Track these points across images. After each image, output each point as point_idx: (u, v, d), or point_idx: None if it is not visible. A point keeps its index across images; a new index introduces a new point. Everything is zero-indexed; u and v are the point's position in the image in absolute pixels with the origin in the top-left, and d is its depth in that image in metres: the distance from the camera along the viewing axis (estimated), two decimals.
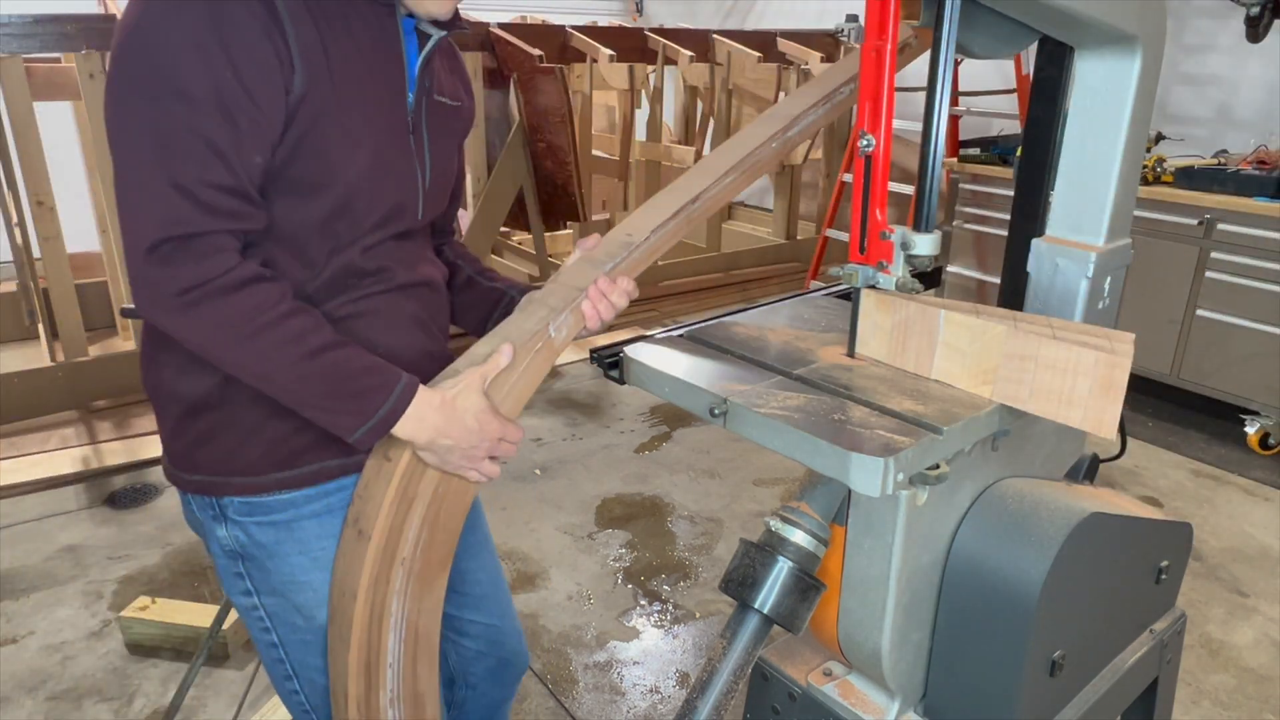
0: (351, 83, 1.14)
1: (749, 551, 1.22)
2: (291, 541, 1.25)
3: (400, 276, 1.27)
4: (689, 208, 1.38)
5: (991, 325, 1.20)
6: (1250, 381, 3.75)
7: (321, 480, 1.25)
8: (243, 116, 1.05)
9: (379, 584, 1.21)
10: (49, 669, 2.45)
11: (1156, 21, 1.37)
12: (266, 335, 1.08)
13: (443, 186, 1.35)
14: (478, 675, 1.60)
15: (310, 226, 1.16)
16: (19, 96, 3.52)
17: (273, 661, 1.34)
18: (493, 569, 1.58)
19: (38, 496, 3.29)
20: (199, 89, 1.02)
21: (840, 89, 1.49)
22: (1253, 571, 2.98)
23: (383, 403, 1.14)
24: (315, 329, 1.11)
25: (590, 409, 4.18)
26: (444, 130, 1.31)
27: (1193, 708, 2.38)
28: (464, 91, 1.38)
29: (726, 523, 3.24)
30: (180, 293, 1.04)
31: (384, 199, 1.21)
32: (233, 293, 1.06)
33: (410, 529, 1.21)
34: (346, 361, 1.13)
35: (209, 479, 1.23)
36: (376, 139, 1.18)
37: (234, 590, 1.30)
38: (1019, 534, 1.20)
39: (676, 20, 7.42)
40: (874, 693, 1.35)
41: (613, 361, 1.36)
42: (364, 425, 1.14)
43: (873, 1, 1.15)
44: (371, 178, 1.18)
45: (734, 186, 1.43)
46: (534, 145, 4.93)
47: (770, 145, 1.45)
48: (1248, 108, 4.38)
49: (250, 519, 1.24)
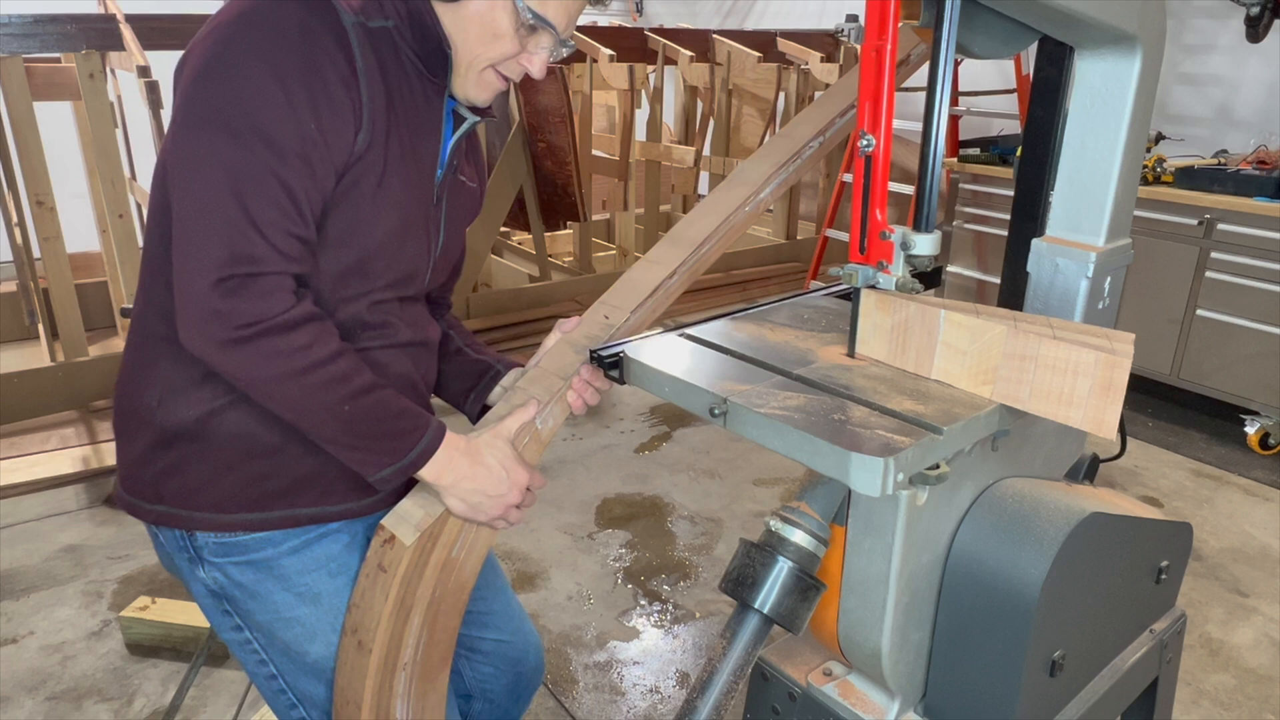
0: (401, 148, 1.17)
1: (749, 551, 1.22)
2: (272, 580, 1.24)
3: (402, 334, 1.29)
4: (666, 283, 1.40)
5: (991, 325, 1.20)
6: (1250, 381, 3.76)
7: (289, 525, 1.23)
8: (320, 166, 1.08)
9: (382, 691, 1.22)
10: (49, 669, 2.45)
11: (1156, 21, 1.37)
12: (315, 374, 1.09)
13: (449, 260, 1.39)
14: (497, 692, 1.59)
15: (327, 275, 1.17)
16: (19, 96, 3.52)
17: (275, 693, 1.32)
18: (499, 585, 1.58)
19: (38, 496, 3.29)
20: (284, 134, 1.04)
21: (809, 144, 1.52)
22: (1253, 571, 2.98)
23: (414, 445, 1.16)
24: (358, 371, 1.13)
25: (590, 409, 4.18)
26: (459, 207, 1.35)
27: (1193, 708, 2.38)
28: (478, 175, 1.42)
29: (726, 523, 3.24)
30: (241, 326, 1.04)
31: (401, 263, 1.24)
32: (290, 331, 1.07)
33: (410, 635, 1.21)
34: (384, 405, 1.14)
35: (172, 511, 1.20)
36: (407, 207, 1.21)
37: (223, 628, 1.29)
38: (1019, 534, 1.20)
39: (676, 20, 7.43)
40: (874, 693, 1.35)
41: (613, 361, 1.36)
42: (393, 465, 1.16)
43: (873, 1, 1.15)
44: (394, 242, 1.21)
45: (709, 256, 1.45)
46: (534, 145, 4.93)
47: (743, 210, 1.47)
48: (1248, 108, 4.39)
49: (227, 559, 1.22)
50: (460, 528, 1.23)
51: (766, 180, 1.48)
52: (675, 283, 1.41)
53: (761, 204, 1.49)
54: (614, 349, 1.37)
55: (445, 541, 1.21)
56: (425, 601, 1.21)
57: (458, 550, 1.22)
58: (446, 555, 1.21)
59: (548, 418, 1.29)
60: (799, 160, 1.50)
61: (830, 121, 1.52)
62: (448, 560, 1.22)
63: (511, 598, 1.60)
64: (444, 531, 1.20)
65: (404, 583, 1.18)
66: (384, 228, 1.18)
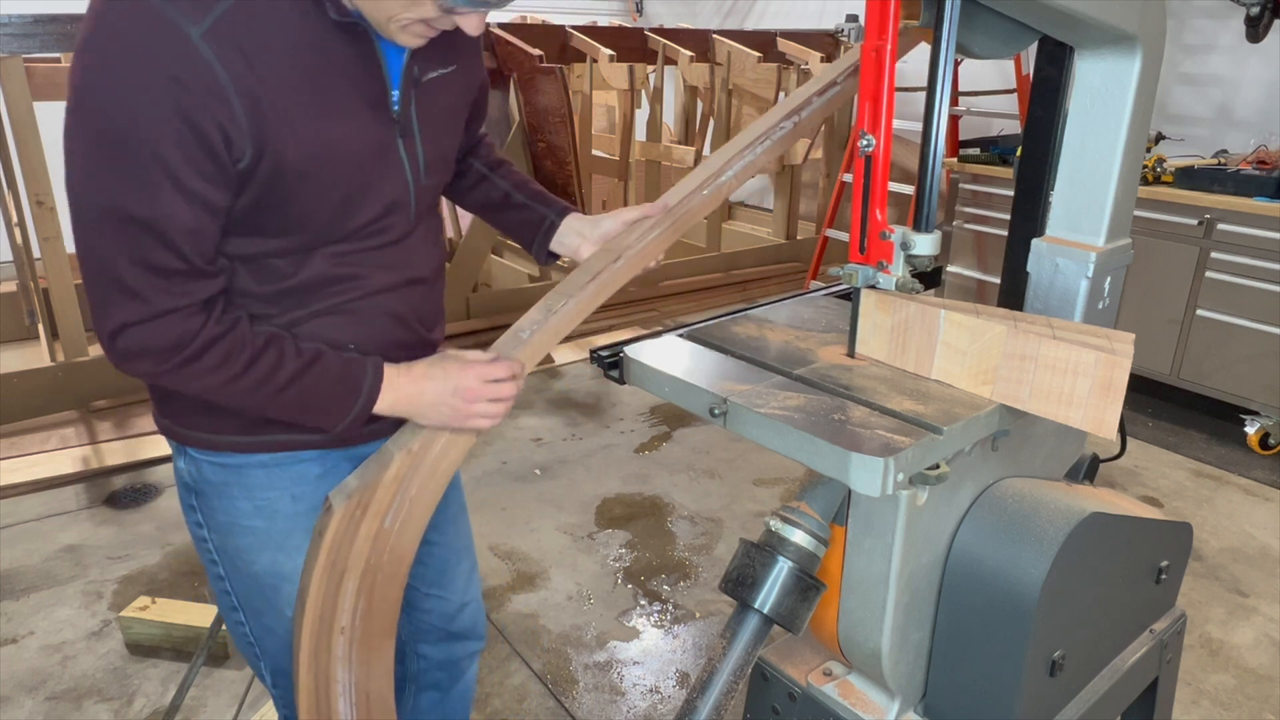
0: (319, 110, 1.10)
1: (749, 551, 1.22)
2: (239, 485, 1.30)
3: (376, 281, 1.27)
4: (611, 266, 1.39)
5: (991, 325, 1.20)
6: (1250, 381, 3.75)
7: (274, 450, 1.29)
8: (194, 200, 1.05)
9: (320, 653, 1.26)
10: (49, 669, 2.45)
11: (1156, 21, 1.37)
12: (239, 382, 1.13)
13: (444, 163, 1.34)
14: (426, 646, 1.64)
15: (276, 254, 1.18)
16: (19, 96, 3.51)
17: (220, 593, 1.40)
18: (455, 548, 1.61)
19: (38, 496, 3.29)
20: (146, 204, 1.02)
21: (779, 125, 1.51)
22: (1253, 571, 2.98)
23: (354, 403, 1.20)
24: (280, 362, 1.15)
25: (590, 409, 4.18)
26: (438, 108, 1.27)
27: (1193, 708, 2.38)
28: (458, 49, 1.29)
29: (726, 523, 3.24)
30: (145, 373, 1.12)
31: (362, 214, 1.21)
32: (200, 357, 1.10)
33: (345, 598, 1.25)
34: (317, 382, 1.18)
35: (172, 426, 1.30)
36: (353, 171, 1.17)
37: (189, 521, 1.36)
38: (1019, 534, 1.20)
39: (676, 20, 7.43)
40: (874, 693, 1.35)
41: (613, 361, 1.36)
42: (344, 421, 1.21)
43: (873, 1, 1.15)
44: (346, 209, 1.19)
45: (658, 242, 1.44)
46: (534, 145, 4.93)
47: (700, 193, 1.47)
48: (1248, 108, 4.38)
49: (204, 457, 1.30)
50: (391, 499, 1.25)
51: (728, 164, 1.48)
52: (620, 266, 1.40)
53: (724, 188, 1.48)
54: (614, 349, 1.37)
55: (376, 511, 1.24)
56: (359, 569, 1.25)
57: (390, 521, 1.25)
58: (379, 525, 1.25)
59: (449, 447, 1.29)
60: (767, 141, 1.50)
61: (806, 100, 1.52)
62: (380, 530, 1.25)
63: (463, 558, 1.63)
64: (374, 501, 1.24)
65: (334, 547, 1.23)
66: (326, 210, 1.16)
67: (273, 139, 1.07)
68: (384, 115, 1.19)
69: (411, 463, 1.25)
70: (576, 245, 1.49)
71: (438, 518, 1.54)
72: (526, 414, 4.10)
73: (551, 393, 4.36)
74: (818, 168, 6.41)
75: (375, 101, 1.17)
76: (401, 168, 1.24)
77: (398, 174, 1.24)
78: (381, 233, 1.25)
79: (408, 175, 1.25)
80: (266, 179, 1.09)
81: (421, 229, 1.34)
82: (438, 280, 1.41)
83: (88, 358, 3.90)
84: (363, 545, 1.24)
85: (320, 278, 1.21)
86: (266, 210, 1.13)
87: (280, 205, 1.13)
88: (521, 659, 2.52)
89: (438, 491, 1.29)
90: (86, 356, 3.91)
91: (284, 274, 1.19)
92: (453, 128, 1.35)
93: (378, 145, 1.20)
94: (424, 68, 1.23)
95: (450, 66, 1.28)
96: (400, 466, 1.24)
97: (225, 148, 1.04)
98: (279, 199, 1.12)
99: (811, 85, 1.54)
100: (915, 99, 5.36)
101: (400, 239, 1.29)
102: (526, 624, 2.66)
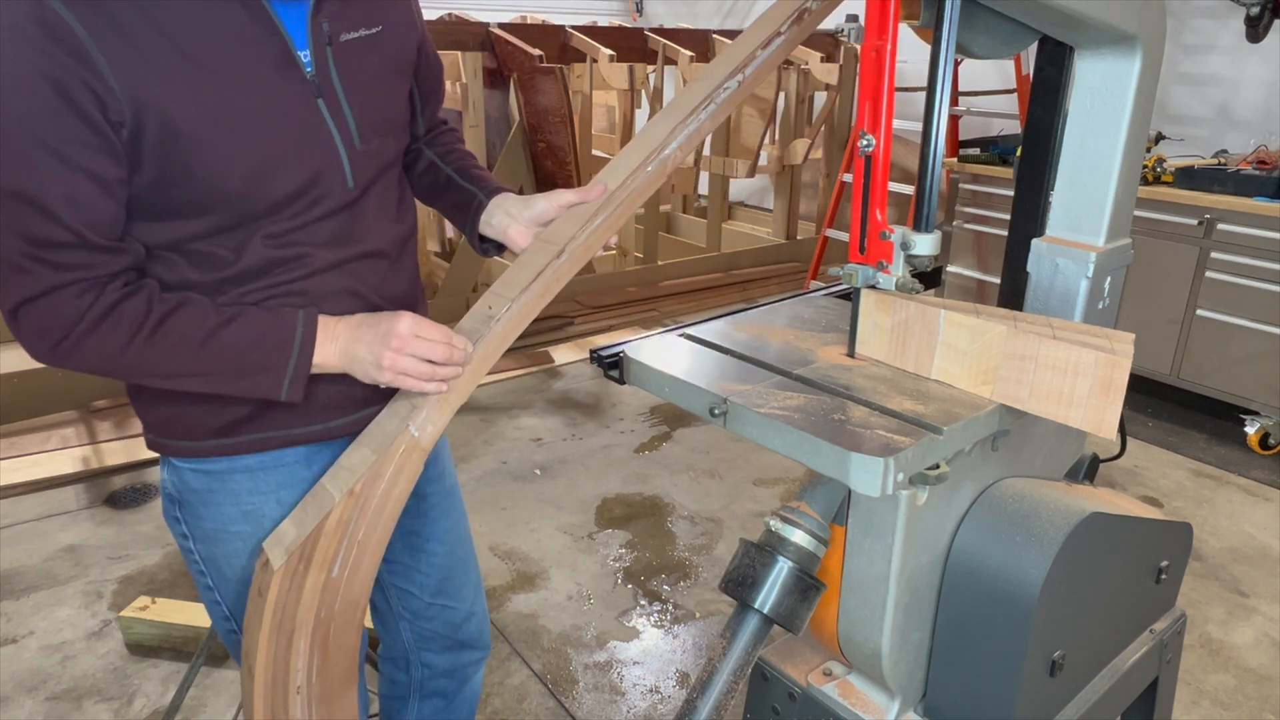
0: (206, 93, 1.07)
1: (749, 551, 1.22)
2: (224, 492, 1.28)
3: (322, 258, 1.21)
4: (554, 263, 1.28)
5: (991, 325, 1.20)
6: (1250, 381, 3.75)
7: (257, 450, 1.27)
8: (76, 169, 1.02)
9: (278, 718, 1.22)
10: (49, 669, 2.45)
11: (1156, 21, 1.37)
12: (154, 346, 1.09)
13: (384, 126, 1.27)
14: (431, 654, 1.63)
15: (205, 238, 1.14)
16: None
17: (211, 604, 1.39)
18: (459, 556, 1.59)
19: (38, 496, 3.29)
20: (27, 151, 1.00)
21: (724, 85, 1.33)
22: (1253, 571, 2.98)
23: (289, 354, 1.14)
24: (198, 320, 1.11)
25: (590, 409, 4.18)
26: (364, 69, 1.21)
27: (1193, 708, 2.38)
28: (384, 9, 1.24)
29: (726, 523, 3.24)
30: (53, 347, 1.08)
31: (279, 188, 1.15)
32: (98, 327, 1.07)
33: (298, 657, 1.20)
34: (242, 337, 1.13)
35: (155, 438, 1.28)
36: (261, 136, 1.12)
37: (175, 534, 1.35)
38: (1019, 534, 1.20)
39: (676, 20, 7.43)
40: (874, 693, 1.35)
41: (613, 361, 1.36)
42: (285, 379, 1.15)
43: (873, 1, 1.15)
44: (261, 178, 1.13)
45: (609, 224, 1.32)
46: (534, 145, 4.93)
47: (644, 170, 1.33)
48: (1248, 108, 4.38)
49: (187, 465, 1.28)
50: (337, 546, 1.18)
51: (671, 134, 1.33)
52: (564, 260, 1.29)
53: (669, 161, 1.33)
54: (614, 349, 1.37)
55: (321, 562, 1.17)
56: (309, 625, 1.19)
57: (338, 569, 1.19)
58: (325, 576, 1.18)
59: (425, 423, 1.20)
60: (711, 105, 1.33)
61: (750, 55, 1.33)
62: (328, 581, 1.18)
63: (465, 565, 1.61)
64: (317, 552, 1.17)
65: (278, 607, 1.17)
66: (237, 175, 1.10)
67: (152, 100, 1.03)
68: (293, 76, 1.13)
69: (355, 504, 1.17)
70: (505, 226, 1.39)
71: (439, 526, 1.54)
72: (526, 414, 4.10)
73: (551, 393, 4.36)
74: (818, 168, 6.42)
75: (279, 63, 1.12)
76: (325, 132, 1.18)
77: (321, 139, 1.17)
78: (314, 205, 1.19)
79: (336, 141, 1.19)
80: (158, 147, 1.05)
81: (370, 200, 1.27)
82: (402, 255, 1.34)
83: None
84: (310, 599, 1.18)
85: (263, 261, 1.17)
86: (173, 186, 1.09)
87: (184, 178, 1.09)
88: (521, 659, 2.52)
89: (388, 528, 1.22)
90: None
91: (225, 261, 1.16)
92: (388, 92, 1.28)
93: (287, 109, 1.14)
94: (338, 27, 1.18)
95: (375, 28, 1.23)
96: (343, 511, 1.17)
97: (100, 111, 1.01)
98: (180, 170, 1.08)
99: (754, 37, 1.34)
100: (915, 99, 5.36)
101: (339, 210, 1.22)
102: (526, 624, 2.66)
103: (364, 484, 1.17)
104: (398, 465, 1.19)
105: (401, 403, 1.22)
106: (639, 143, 1.34)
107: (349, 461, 1.20)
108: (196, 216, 1.13)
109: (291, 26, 1.13)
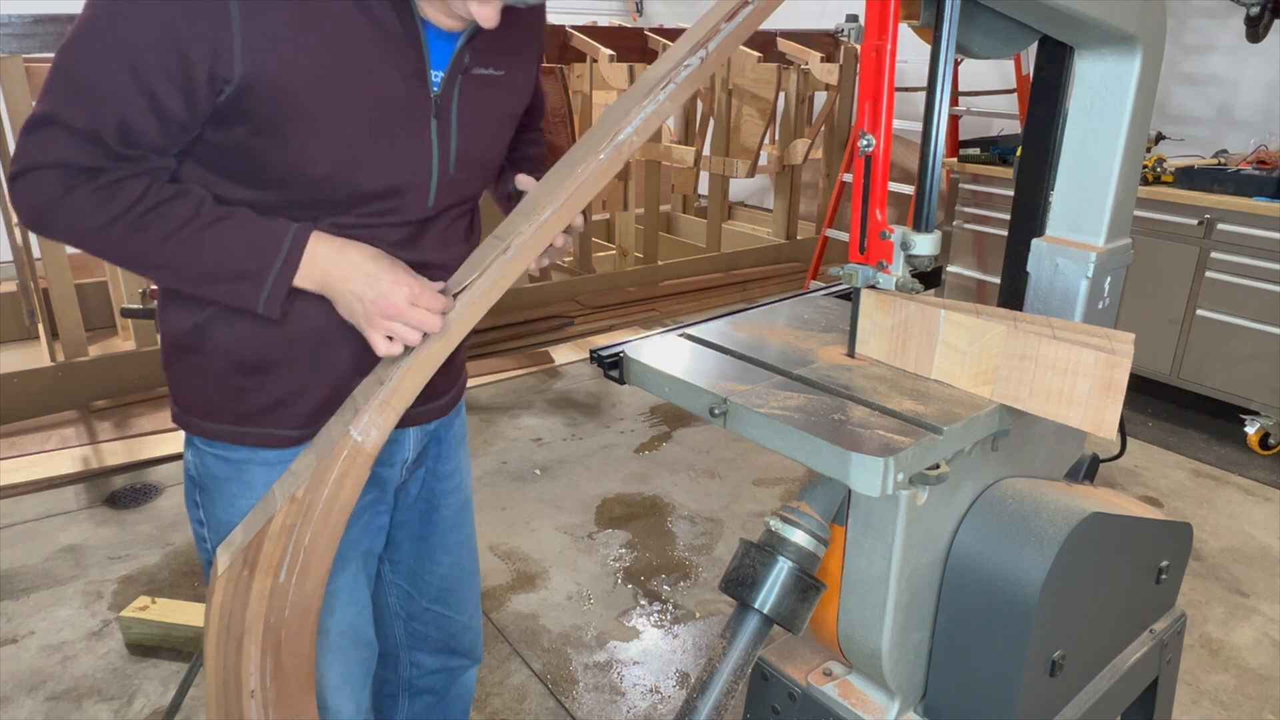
0: (330, 73, 1.08)
1: (749, 551, 1.22)
2: (239, 482, 1.29)
3: None
4: (500, 259, 1.19)
5: (991, 325, 1.20)
6: (1250, 381, 3.75)
7: (268, 445, 1.27)
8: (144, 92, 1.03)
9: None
10: (49, 669, 2.45)
11: (1156, 21, 1.37)
12: (148, 229, 1.08)
13: (480, 164, 1.30)
14: (422, 655, 1.64)
15: (277, 210, 1.15)
16: (19, 96, 3.51)
17: None
18: (466, 570, 1.61)
19: (38, 496, 3.29)
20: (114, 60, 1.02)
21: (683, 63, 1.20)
22: (1253, 571, 2.98)
23: (272, 261, 1.12)
24: (195, 210, 1.10)
25: (590, 409, 4.18)
26: (481, 104, 1.25)
27: (1193, 708, 2.38)
28: (512, 57, 1.28)
29: (726, 523, 3.24)
30: (25, 218, 1.09)
31: (363, 185, 1.16)
32: (86, 200, 1.07)
33: (249, 661, 1.19)
34: (231, 235, 1.11)
35: (181, 414, 1.30)
36: (366, 132, 1.13)
37: (191, 518, 1.36)
38: (1019, 534, 1.20)
39: (676, 20, 7.43)
40: (874, 693, 1.35)
41: (613, 361, 1.36)
42: (264, 289, 1.13)
43: (873, 1, 1.15)
44: (350, 171, 1.14)
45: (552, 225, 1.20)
46: None
47: (597, 159, 1.19)
48: (1248, 108, 4.39)
49: (209, 450, 1.29)
50: (282, 552, 1.17)
51: (626, 116, 1.19)
52: (510, 256, 1.19)
53: (624, 146, 1.19)
54: (614, 349, 1.37)
55: (266, 567, 1.16)
56: (258, 629, 1.18)
57: (285, 575, 1.18)
58: (272, 581, 1.17)
59: (369, 427, 1.17)
60: (671, 84, 1.20)
61: (714, 29, 1.20)
62: (275, 586, 1.18)
63: (468, 578, 1.63)
64: (261, 557, 1.16)
65: (224, 611, 1.17)
66: (325, 152, 1.12)
67: (271, 67, 1.05)
68: (419, 91, 1.16)
69: (299, 509, 1.16)
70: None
71: (449, 538, 1.54)
72: (526, 414, 4.10)
73: (551, 393, 4.36)
74: (818, 168, 6.42)
75: (410, 73, 1.15)
76: (427, 152, 1.21)
77: (421, 157, 1.20)
78: (389, 212, 1.20)
79: (433, 159, 1.21)
80: (260, 109, 1.07)
81: (443, 221, 1.29)
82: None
83: (88, 358, 3.91)
84: (258, 605, 1.17)
85: None
86: (260, 151, 1.10)
87: (276, 145, 1.10)
88: (521, 659, 2.52)
89: (335, 534, 1.20)
90: (86, 356, 3.91)
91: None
92: (494, 134, 1.31)
93: (402, 118, 1.16)
94: (475, 60, 1.21)
95: (500, 70, 1.26)
96: (286, 515, 1.15)
97: (208, 64, 1.03)
98: (275, 138, 1.09)
99: (718, 10, 1.22)
100: (915, 99, 5.37)
101: (410, 222, 1.24)
102: (526, 624, 2.66)
103: (307, 489, 1.16)
104: (341, 470, 1.16)
105: (346, 408, 1.21)
106: (598, 129, 1.23)
107: (296, 467, 1.19)
108: (273, 189, 1.14)
109: (435, 46, 1.16)
